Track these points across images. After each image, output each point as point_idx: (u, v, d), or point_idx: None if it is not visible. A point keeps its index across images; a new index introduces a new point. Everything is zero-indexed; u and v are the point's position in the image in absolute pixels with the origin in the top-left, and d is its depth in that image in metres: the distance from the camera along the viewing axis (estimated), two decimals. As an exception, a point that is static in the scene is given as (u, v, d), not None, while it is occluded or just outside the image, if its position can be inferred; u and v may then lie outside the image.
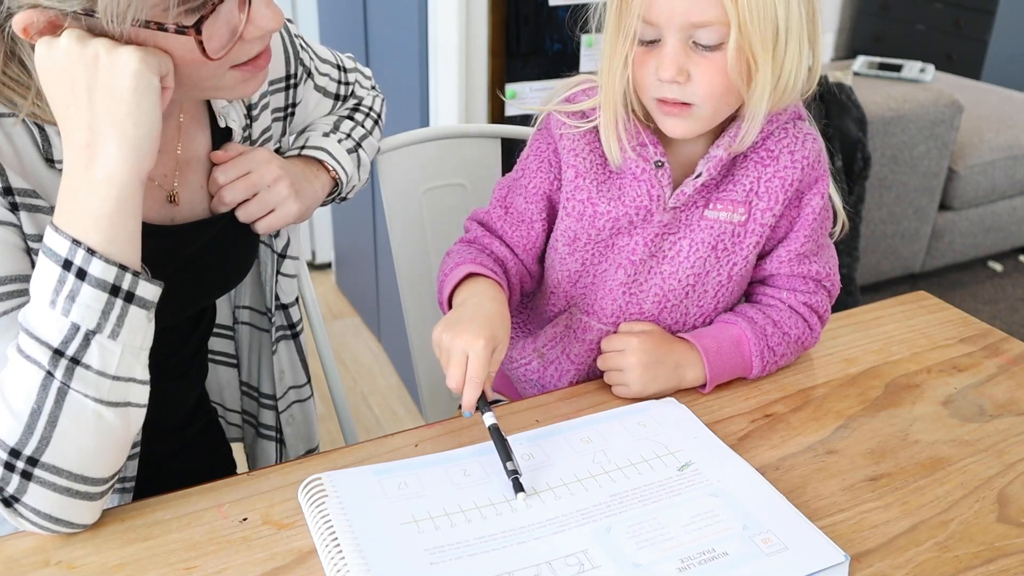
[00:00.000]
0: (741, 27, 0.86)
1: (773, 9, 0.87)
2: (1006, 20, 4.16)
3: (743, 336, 0.99)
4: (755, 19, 0.86)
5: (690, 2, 0.87)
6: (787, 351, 1.01)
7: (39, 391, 0.70)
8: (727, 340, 0.99)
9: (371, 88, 1.22)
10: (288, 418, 1.17)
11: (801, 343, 1.03)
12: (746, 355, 0.99)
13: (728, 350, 0.99)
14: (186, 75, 0.77)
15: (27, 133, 0.78)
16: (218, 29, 0.74)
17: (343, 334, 2.67)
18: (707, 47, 0.88)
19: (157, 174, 0.91)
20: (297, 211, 1.00)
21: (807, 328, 1.03)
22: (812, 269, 1.02)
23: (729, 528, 0.77)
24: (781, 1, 0.87)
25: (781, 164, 0.98)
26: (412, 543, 0.75)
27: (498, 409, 0.95)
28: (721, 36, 0.87)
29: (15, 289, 0.76)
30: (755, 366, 0.99)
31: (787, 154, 0.98)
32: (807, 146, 0.98)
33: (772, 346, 1.00)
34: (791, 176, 0.98)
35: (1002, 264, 3.17)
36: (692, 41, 0.89)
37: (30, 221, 0.77)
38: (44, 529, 0.74)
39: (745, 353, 0.99)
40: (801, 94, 0.96)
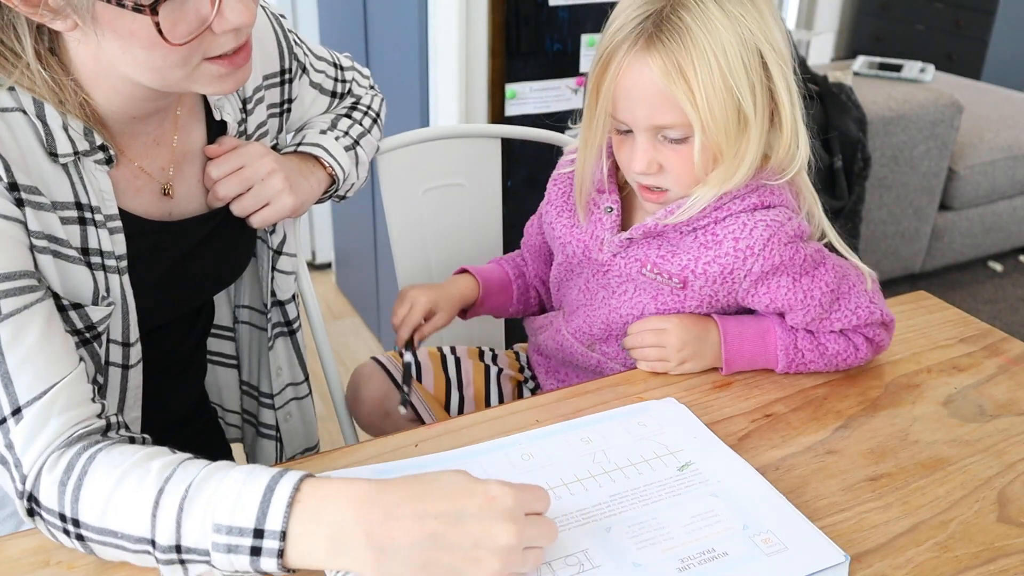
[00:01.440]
0: (705, 128, 0.91)
1: (737, 102, 0.90)
2: (1006, 20, 4.17)
3: (771, 328, 1.00)
4: (718, 117, 0.90)
5: (651, 108, 0.92)
6: (819, 360, 1.01)
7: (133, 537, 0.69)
8: (753, 328, 1.01)
9: (370, 87, 1.22)
10: (285, 415, 1.17)
11: (842, 359, 1.01)
12: (771, 348, 1.00)
13: (751, 337, 1.00)
14: (154, 61, 0.75)
15: (30, 127, 0.78)
16: (184, 16, 0.73)
17: (343, 334, 2.67)
18: (676, 141, 0.94)
19: (154, 168, 0.91)
20: (292, 205, 1.00)
21: (851, 346, 1.01)
22: (837, 326, 1.00)
23: (729, 528, 0.77)
24: (744, 90, 0.90)
25: (723, 250, 0.97)
26: (412, 543, 0.74)
27: (498, 409, 0.96)
28: (688, 132, 0.92)
29: (25, 285, 0.75)
30: (780, 361, 1.00)
31: (730, 240, 0.96)
32: (754, 235, 0.95)
33: (801, 348, 1.00)
34: (731, 264, 0.96)
35: (1002, 264, 3.17)
36: (661, 135, 0.94)
37: (34, 218, 0.77)
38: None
39: (770, 345, 1.00)
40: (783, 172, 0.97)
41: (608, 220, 1.04)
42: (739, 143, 0.92)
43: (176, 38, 0.73)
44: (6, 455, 0.72)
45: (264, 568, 0.67)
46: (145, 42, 0.73)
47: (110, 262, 0.85)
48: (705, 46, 0.88)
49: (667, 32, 0.89)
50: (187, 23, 0.74)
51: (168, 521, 0.67)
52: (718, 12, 0.89)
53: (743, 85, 0.89)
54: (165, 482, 0.69)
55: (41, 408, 0.72)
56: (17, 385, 0.72)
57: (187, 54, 0.76)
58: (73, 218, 0.81)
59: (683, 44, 0.88)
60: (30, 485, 0.71)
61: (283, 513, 0.67)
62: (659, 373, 1.02)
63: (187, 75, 0.78)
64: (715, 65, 0.88)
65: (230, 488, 0.68)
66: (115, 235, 0.85)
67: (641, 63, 0.90)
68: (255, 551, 0.67)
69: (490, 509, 0.67)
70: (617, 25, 0.92)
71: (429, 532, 0.66)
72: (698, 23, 0.88)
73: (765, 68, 0.91)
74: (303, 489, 0.68)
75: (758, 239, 0.95)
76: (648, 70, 0.89)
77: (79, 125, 0.81)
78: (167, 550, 0.68)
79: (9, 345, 0.72)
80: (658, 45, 0.89)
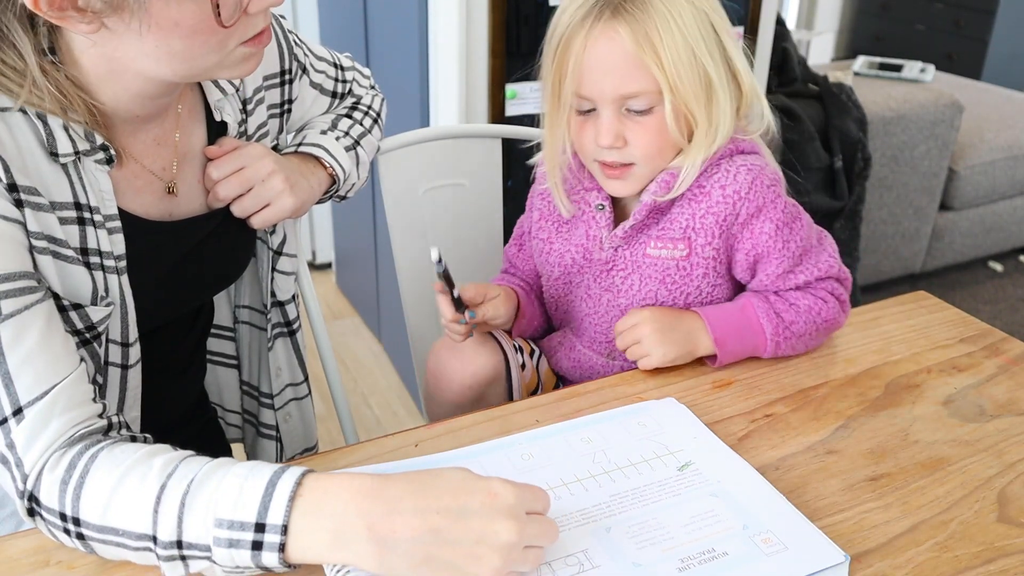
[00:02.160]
0: (674, 90, 0.94)
1: (701, 65, 0.94)
2: (1006, 20, 4.17)
3: (747, 302, 1.03)
4: (685, 80, 0.94)
5: (620, 78, 0.94)
6: (797, 319, 1.02)
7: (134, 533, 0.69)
8: (731, 307, 1.03)
9: (370, 87, 1.22)
10: (284, 415, 1.18)
11: (816, 313, 1.03)
12: (752, 317, 1.01)
13: (733, 314, 1.02)
14: (192, 48, 0.76)
15: (29, 126, 0.78)
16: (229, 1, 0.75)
17: (343, 334, 2.67)
18: (640, 112, 0.96)
19: (156, 167, 0.91)
20: (292, 205, 1.00)
21: (819, 300, 1.03)
22: (800, 279, 1.03)
23: (729, 528, 0.77)
24: (704, 54, 0.94)
25: (713, 200, 1.00)
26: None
27: (498, 409, 0.96)
28: (652, 101, 0.95)
29: (25, 286, 0.75)
30: (766, 328, 1.01)
31: (718, 189, 1.00)
32: (739, 179, 0.99)
33: (779, 311, 1.02)
34: (723, 211, 1.00)
35: (1002, 264, 3.17)
36: (625, 108, 0.96)
37: (34, 218, 0.77)
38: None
39: (751, 316, 1.01)
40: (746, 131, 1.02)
41: (602, 218, 1.05)
42: (710, 107, 0.96)
43: (227, 20, 0.75)
44: (7, 455, 0.72)
45: (265, 563, 0.67)
46: (188, 30, 0.74)
47: (109, 262, 0.85)
48: (667, 15, 0.92)
49: (629, 3, 0.92)
50: (230, 5, 0.75)
51: (170, 517, 0.67)
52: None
53: (703, 52, 0.94)
54: (167, 478, 0.69)
55: (42, 408, 0.72)
56: (18, 385, 0.72)
57: (225, 38, 0.77)
58: (72, 218, 0.81)
59: (647, 13, 0.92)
60: (31, 485, 0.71)
61: (285, 507, 0.67)
62: (658, 373, 1.02)
63: (220, 60, 0.79)
64: (678, 32, 0.92)
65: (232, 483, 0.68)
66: (114, 235, 0.85)
67: (609, 33, 0.93)
68: (256, 545, 0.67)
69: (492, 506, 0.67)
70: (572, 7, 0.95)
71: (431, 527, 0.66)
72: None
73: (718, 38, 0.96)
74: (305, 484, 0.68)
75: (743, 183, 0.99)
76: (618, 38, 0.92)
77: (80, 125, 0.81)
78: (168, 546, 0.68)
79: (10, 346, 0.72)
80: (623, 15, 0.92)
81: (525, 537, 0.68)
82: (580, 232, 1.08)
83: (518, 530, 0.67)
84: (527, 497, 0.70)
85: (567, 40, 0.95)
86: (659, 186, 1.00)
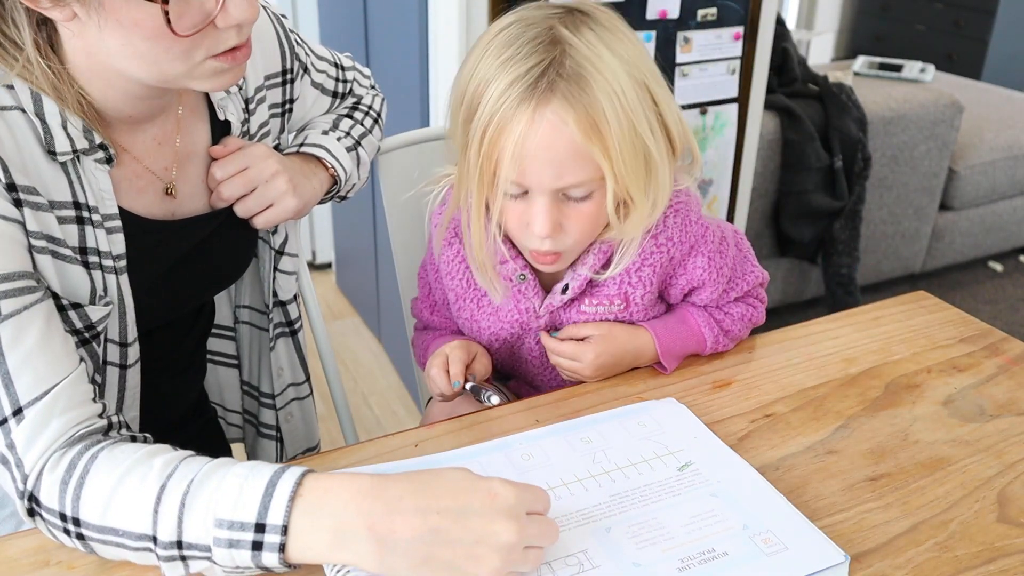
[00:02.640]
0: (618, 178, 0.87)
1: (642, 141, 0.87)
2: (1006, 20, 4.17)
3: (689, 315, 1.03)
4: (629, 164, 0.86)
5: (563, 168, 0.85)
6: (733, 326, 1.04)
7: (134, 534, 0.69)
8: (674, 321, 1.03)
9: (370, 87, 1.22)
10: (286, 416, 1.18)
11: (748, 319, 1.06)
12: (694, 327, 1.02)
13: (677, 327, 1.02)
14: (155, 53, 0.75)
15: (28, 125, 0.78)
16: (190, 8, 0.73)
17: (343, 334, 2.67)
18: (579, 199, 0.89)
19: (157, 167, 0.91)
20: (295, 206, 1.00)
21: (750, 308, 1.06)
22: (733, 295, 1.04)
23: (729, 528, 0.77)
24: (645, 129, 0.87)
25: (647, 252, 0.97)
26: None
27: (498, 409, 0.96)
28: (593, 187, 0.88)
29: (24, 286, 0.75)
30: (707, 338, 1.02)
31: (650, 240, 0.97)
32: (669, 224, 0.97)
33: (718, 320, 1.03)
34: (657, 260, 0.98)
35: (1002, 264, 3.17)
36: (562, 194, 0.88)
37: (33, 218, 0.77)
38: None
39: (693, 327, 1.02)
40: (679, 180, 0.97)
41: (528, 287, 0.99)
42: (648, 183, 0.90)
43: (181, 29, 0.73)
44: (7, 455, 0.72)
45: (265, 563, 0.67)
46: (148, 32, 0.73)
47: (107, 262, 0.85)
48: (611, 94, 0.84)
49: (572, 84, 0.83)
50: (192, 16, 0.74)
51: (170, 517, 0.67)
52: (607, 53, 0.85)
53: (644, 126, 0.86)
54: (167, 479, 0.69)
55: (42, 408, 0.72)
56: (18, 385, 0.72)
57: (189, 48, 0.76)
58: (70, 217, 0.81)
59: (591, 95, 0.83)
60: (31, 485, 0.71)
61: (285, 507, 0.67)
62: (658, 373, 1.02)
63: (188, 71, 0.78)
64: (620, 111, 0.84)
65: (232, 484, 0.68)
66: (113, 235, 0.85)
67: (554, 120, 0.83)
68: (256, 545, 0.67)
69: (492, 506, 0.67)
70: (502, 84, 0.84)
71: (431, 527, 0.66)
72: (598, 69, 0.84)
73: (654, 100, 0.89)
74: (305, 484, 0.68)
75: (673, 227, 0.97)
76: (564, 127, 0.83)
77: (79, 123, 0.81)
78: (168, 546, 0.68)
79: (9, 346, 0.72)
80: (567, 98, 0.83)
81: (525, 537, 0.68)
82: (508, 306, 1.01)
83: (518, 530, 0.67)
84: (527, 497, 0.70)
85: (500, 124, 0.84)
86: (596, 259, 0.96)
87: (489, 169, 0.87)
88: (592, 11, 0.89)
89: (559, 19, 0.87)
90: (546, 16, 0.88)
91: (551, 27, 0.86)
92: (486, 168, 0.87)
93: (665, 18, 1.87)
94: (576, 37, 0.85)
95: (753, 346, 1.08)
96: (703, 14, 1.91)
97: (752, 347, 1.08)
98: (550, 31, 0.86)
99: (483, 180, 0.89)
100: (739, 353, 1.06)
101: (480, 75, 0.87)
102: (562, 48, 0.85)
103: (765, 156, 2.43)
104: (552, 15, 0.88)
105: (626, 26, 0.91)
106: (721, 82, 2.02)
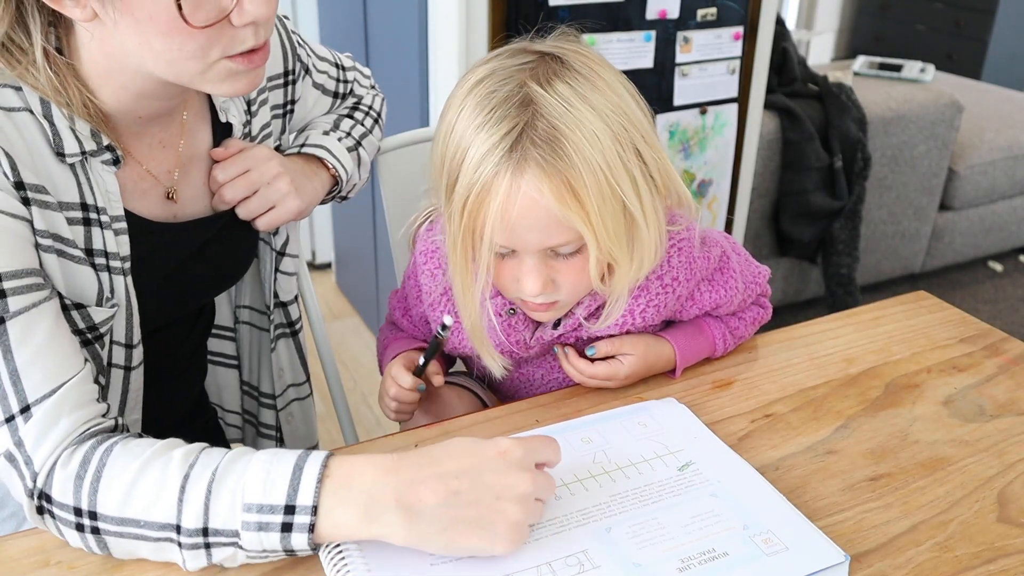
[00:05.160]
0: (599, 241, 0.84)
1: (622, 204, 0.84)
2: (1006, 20, 4.17)
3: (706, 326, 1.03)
4: (610, 228, 0.83)
5: (543, 234, 0.84)
6: (746, 332, 1.07)
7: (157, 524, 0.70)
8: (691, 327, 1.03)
9: (370, 87, 1.22)
10: (287, 416, 1.18)
11: (759, 320, 1.08)
12: (709, 340, 1.03)
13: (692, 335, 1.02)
14: (171, 50, 0.75)
15: (37, 126, 0.79)
16: (204, 2, 0.73)
17: (343, 334, 2.67)
18: (568, 255, 0.87)
19: (159, 171, 0.91)
20: (297, 208, 1.00)
21: (761, 309, 1.08)
22: (749, 300, 1.05)
23: (729, 528, 0.77)
24: (627, 189, 0.83)
25: (652, 292, 0.96)
26: (412, 543, 0.75)
27: (498, 409, 0.96)
28: (581, 242, 0.85)
29: (33, 283, 0.75)
30: (718, 346, 1.03)
31: (655, 281, 0.95)
32: (673, 264, 0.95)
33: (732, 329, 1.04)
34: (663, 300, 0.96)
35: (1002, 264, 3.17)
36: (551, 251, 0.86)
37: (41, 217, 0.77)
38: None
39: (708, 338, 1.03)
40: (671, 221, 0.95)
41: (517, 320, 0.97)
42: (631, 243, 0.87)
43: (196, 21, 0.73)
44: (15, 453, 0.72)
45: (294, 545, 0.69)
46: (163, 27, 0.73)
47: (115, 263, 0.85)
48: (587, 155, 0.80)
49: (545, 149, 0.80)
50: (207, 9, 0.74)
51: (196, 504, 0.69)
52: (581, 107, 0.81)
53: (626, 184, 0.83)
54: (189, 468, 0.70)
55: (51, 406, 0.72)
56: (26, 383, 0.72)
57: (205, 44, 0.76)
58: (78, 219, 0.82)
59: (567, 159, 0.80)
60: (41, 482, 0.71)
61: (314, 488, 0.69)
62: (659, 373, 1.02)
63: (202, 70, 0.78)
64: (599, 172, 0.81)
65: (258, 469, 0.69)
66: (120, 236, 0.86)
67: (530, 192, 0.81)
68: (286, 527, 0.68)
69: (504, 461, 0.71)
70: (479, 152, 0.82)
71: (452, 490, 0.69)
72: (572, 129, 0.80)
73: (638, 153, 0.85)
74: (331, 465, 0.71)
75: (679, 268, 0.96)
76: (540, 197, 0.81)
77: (85, 126, 0.81)
78: (193, 533, 0.68)
79: (18, 343, 0.72)
80: (541, 166, 0.80)
81: (538, 488, 0.72)
82: (497, 340, 0.98)
83: (531, 480, 0.72)
84: (534, 447, 0.74)
85: (479, 195, 0.82)
86: (586, 310, 0.95)
87: (474, 236, 0.85)
88: (568, 57, 0.85)
89: (531, 72, 0.83)
90: (518, 68, 0.84)
91: (523, 84, 0.82)
92: (471, 235, 0.86)
93: (665, 18, 1.87)
94: (548, 94, 0.81)
95: (753, 346, 1.08)
96: (703, 14, 1.91)
97: (752, 347, 1.08)
98: (522, 88, 0.82)
99: (466, 248, 0.87)
100: (739, 353, 1.06)
101: (457, 139, 0.84)
102: (534, 109, 0.81)
103: (765, 156, 2.43)
104: (525, 65, 0.84)
105: (607, 69, 0.86)
106: (721, 82, 2.02)
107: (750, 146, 2.17)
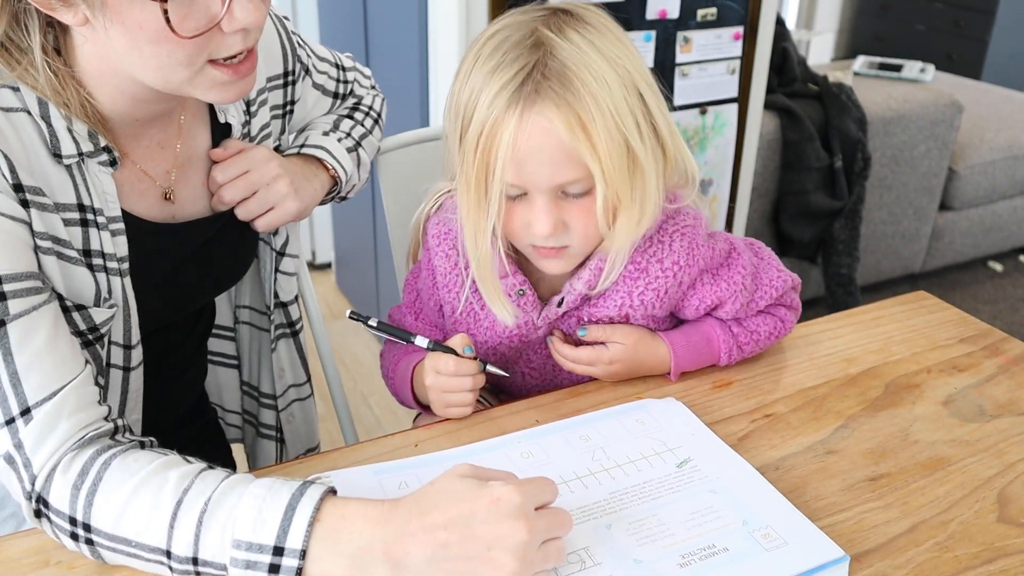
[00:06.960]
0: (607, 179, 0.86)
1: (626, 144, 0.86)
2: (1006, 20, 4.17)
3: (712, 334, 1.01)
4: (615, 163, 0.85)
5: (553, 168, 0.86)
6: (756, 347, 1.03)
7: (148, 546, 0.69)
8: (696, 335, 1.01)
9: (371, 87, 1.22)
10: (288, 416, 1.18)
11: (774, 335, 1.04)
12: (715, 349, 1.01)
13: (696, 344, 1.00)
14: (160, 57, 0.75)
15: (34, 127, 0.78)
16: (194, 10, 0.73)
17: (343, 334, 2.67)
18: (578, 195, 0.88)
19: (157, 172, 0.91)
20: (296, 209, 1.00)
21: (777, 322, 1.03)
22: (761, 304, 1.01)
23: (729, 524, 0.77)
24: (633, 132, 0.86)
25: (652, 276, 0.96)
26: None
27: (498, 409, 0.96)
28: (590, 184, 0.87)
29: (32, 286, 0.75)
30: (722, 358, 1.01)
31: (655, 264, 0.96)
32: (675, 249, 0.95)
33: (740, 343, 1.01)
34: (663, 285, 0.96)
35: (1002, 264, 3.17)
36: (561, 191, 0.88)
37: (39, 219, 0.77)
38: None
39: (714, 348, 1.01)
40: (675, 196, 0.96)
41: (526, 301, 0.98)
42: (635, 186, 0.88)
43: (184, 31, 0.73)
44: (14, 455, 0.72)
45: None
46: (152, 35, 0.73)
47: (112, 264, 0.85)
48: (595, 92, 0.84)
49: (556, 84, 0.83)
50: (196, 18, 0.74)
51: (186, 534, 0.68)
52: (591, 50, 0.85)
53: (630, 125, 0.86)
54: (183, 494, 0.69)
55: (51, 409, 0.72)
56: (26, 386, 0.72)
57: (193, 52, 0.76)
58: (75, 220, 0.81)
59: (576, 94, 0.83)
60: (39, 486, 0.71)
61: (304, 532, 0.67)
62: (659, 375, 1.02)
63: (190, 77, 0.78)
64: (607, 110, 0.84)
65: (250, 503, 0.68)
66: (117, 237, 0.86)
67: (541, 122, 0.83)
68: (274, 568, 0.67)
69: (497, 510, 0.67)
70: (491, 92, 0.85)
71: (440, 542, 0.66)
72: (582, 69, 0.84)
73: (643, 101, 0.88)
74: (324, 508, 0.69)
75: (680, 252, 0.96)
76: (551, 127, 0.83)
77: (83, 127, 0.81)
78: (184, 561, 0.68)
79: (18, 346, 0.72)
80: (552, 98, 0.83)
81: (537, 534, 0.68)
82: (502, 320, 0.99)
83: (528, 528, 0.67)
84: (532, 492, 0.70)
85: (491, 130, 0.85)
86: (592, 275, 0.95)
87: (482, 176, 0.88)
88: (579, 11, 0.89)
89: (543, 21, 0.87)
90: (531, 19, 0.88)
91: (534, 30, 0.87)
92: (484, 174, 0.87)
93: (665, 18, 1.87)
94: (559, 37, 0.85)
95: (753, 346, 1.08)
96: (703, 14, 1.91)
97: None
98: (533, 34, 0.86)
99: (479, 190, 0.88)
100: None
101: (470, 86, 0.87)
102: (545, 49, 0.85)
103: (765, 156, 2.43)
104: (537, 18, 0.88)
105: (618, 28, 0.90)
106: (721, 82, 2.02)
107: (750, 146, 2.17)
